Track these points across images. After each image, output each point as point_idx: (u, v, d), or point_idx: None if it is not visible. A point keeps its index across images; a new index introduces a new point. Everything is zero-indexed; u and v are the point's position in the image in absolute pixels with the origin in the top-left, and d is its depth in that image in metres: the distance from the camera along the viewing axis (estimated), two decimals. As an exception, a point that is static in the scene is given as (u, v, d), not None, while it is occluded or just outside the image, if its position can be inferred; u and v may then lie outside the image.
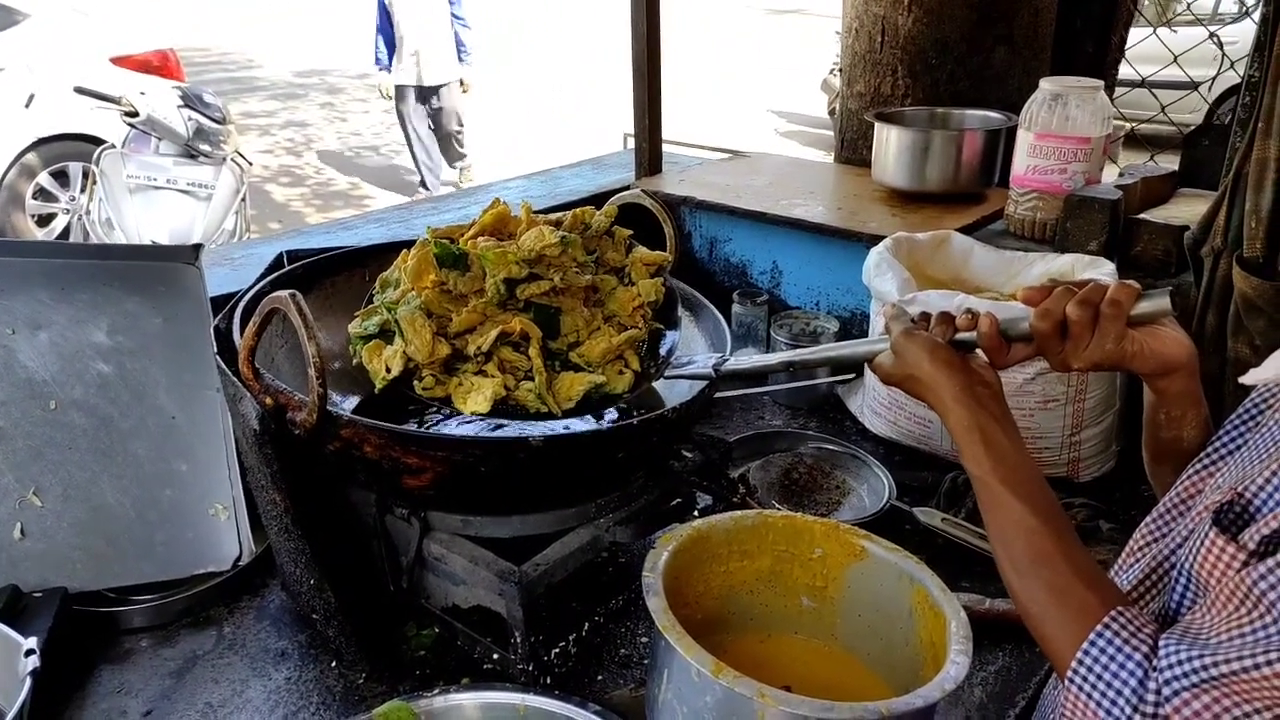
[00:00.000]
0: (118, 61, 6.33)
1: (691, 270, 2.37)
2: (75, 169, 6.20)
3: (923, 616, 1.08)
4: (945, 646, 1.01)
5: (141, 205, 4.79)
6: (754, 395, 1.97)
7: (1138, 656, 0.79)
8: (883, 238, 1.83)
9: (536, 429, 1.18)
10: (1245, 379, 0.91)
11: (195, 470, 1.45)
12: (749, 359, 1.25)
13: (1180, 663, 0.76)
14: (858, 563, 1.16)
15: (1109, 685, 0.79)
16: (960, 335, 1.03)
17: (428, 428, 1.36)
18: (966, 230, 1.97)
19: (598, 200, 2.34)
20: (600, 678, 1.25)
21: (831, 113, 9.65)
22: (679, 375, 1.26)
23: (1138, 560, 1.02)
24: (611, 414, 1.37)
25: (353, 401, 1.44)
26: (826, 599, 1.19)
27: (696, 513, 1.38)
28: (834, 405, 1.97)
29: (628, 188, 2.34)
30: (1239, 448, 0.95)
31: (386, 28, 7.33)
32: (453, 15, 7.43)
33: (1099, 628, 0.82)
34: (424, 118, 7.73)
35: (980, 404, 0.96)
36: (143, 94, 4.94)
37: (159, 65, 6.55)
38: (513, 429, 1.26)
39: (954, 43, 2.34)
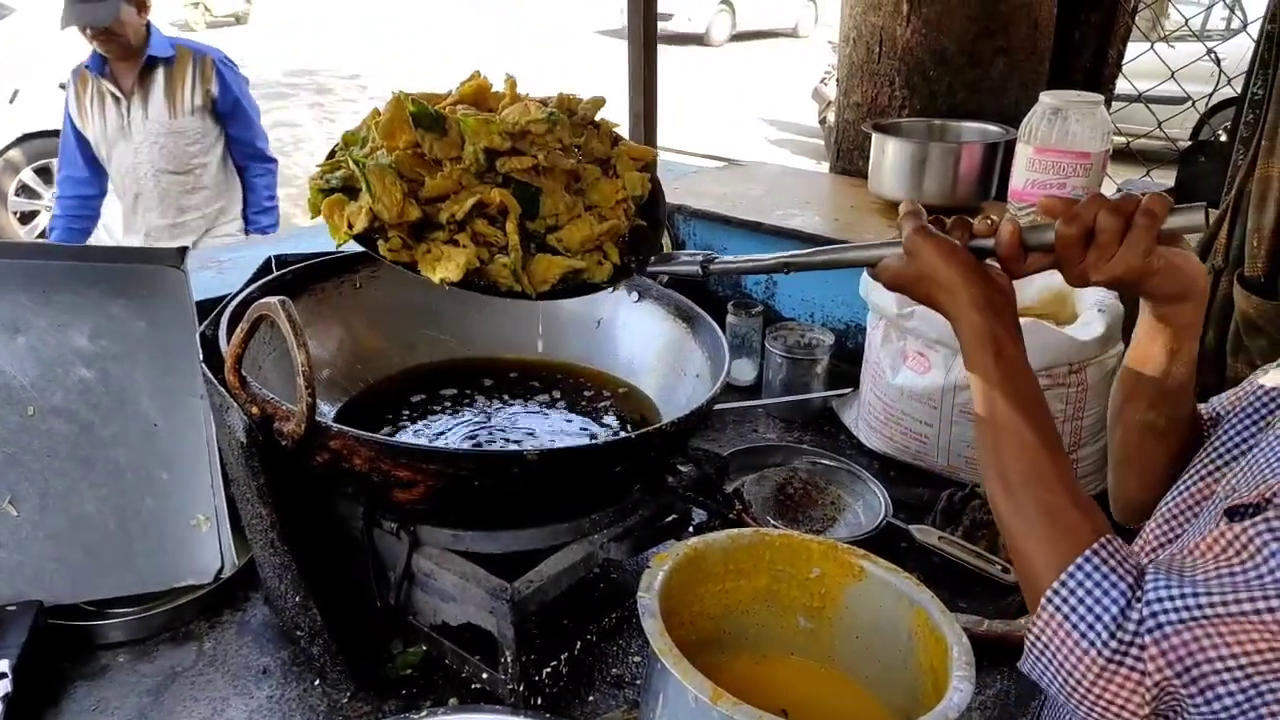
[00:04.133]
0: (105, 58, 6.26)
1: (685, 281, 2.34)
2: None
3: (923, 640, 1.06)
4: (946, 671, 0.99)
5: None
6: (747, 408, 1.95)
7: (1122, 585, 0.78)
8: (880, 250, 1.81)
9: (531, 442, 1.15)
10: (1264, 379, 0.90)
11: (177, 480, 1.41)
12: (742, 258, 1.16)
13: (1170, 597, 0.75)
14: (856, 583, 1.14)
15: (1089, 610, 0.79)
16: (976, 242, 0.98)
17: (400, 435, 1.33)
18: (964, 243, 1.95)
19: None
20: (592, 698, 1.22)
21: (822, 121, 9.66)
22: (663, 270, 1.20)
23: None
24: (608, 430, 1.34)
25: (335, 409, 1.40)
26: (824, 620, 1.17)
27: (692, 529, 1.36)
28: (828, 419, 1.94)
29: (622, 195, 2.31)
30: (1248, 449, 0.93)
31: (80, 162, 3.39)
32: (242, 160, 3.46)
33: (1088, 552, 0.81)
34: None
35: (997, 313, 0.92)
36: (130, 91, 4.87)
37: (147, 63, 6.48)
38: (508, 443, 1.23)
39: (952, 54, 2.32)
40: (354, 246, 1.11)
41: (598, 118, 1.26)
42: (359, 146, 1.15)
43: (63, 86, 4.65)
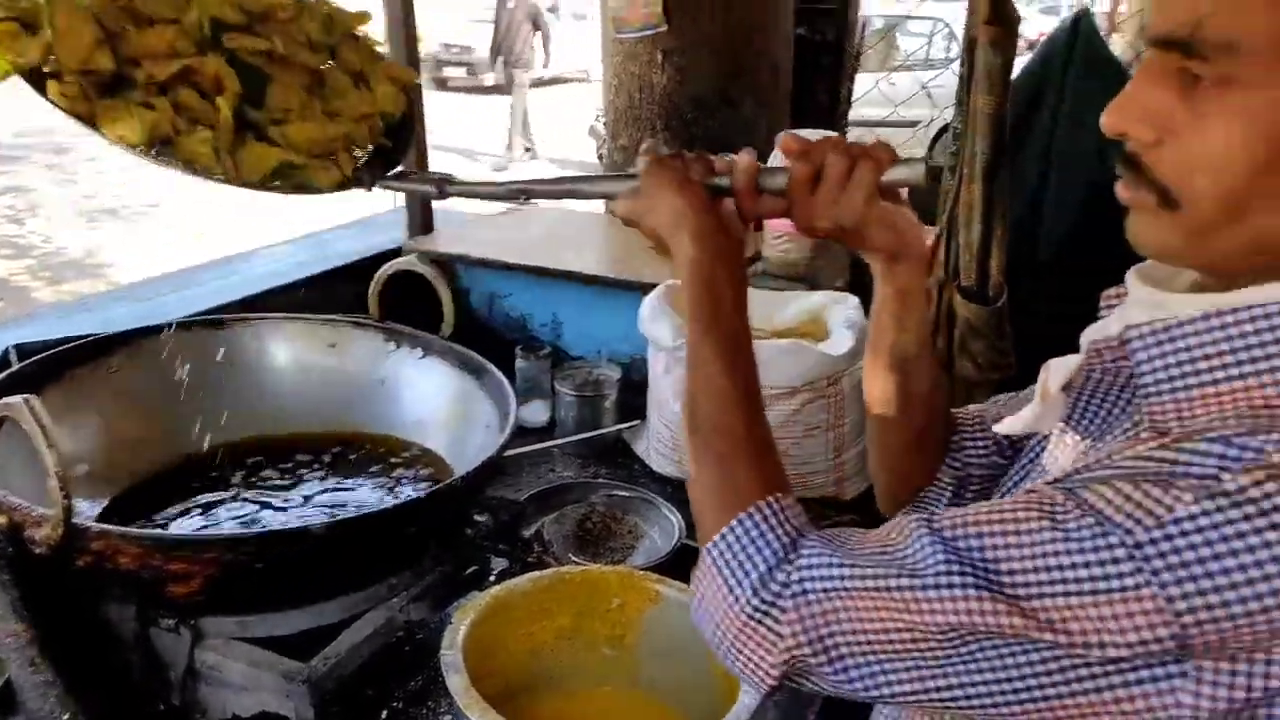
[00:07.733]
0: None
1: (472, 328, 2.35)
2: None
3: (716, 652, 1.13)
4: (736, 678, 1.06)
5: None
6: (543, 449, 1.98)
7: (775, 545, 0.78)
8: (656, 285, 1.91)
9: (321, 515, 1.12)
10: (999, 428, 0.92)
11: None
12: (480, 181, 1.13)
13: (820, 564, 0.75)
14: (654, 607, 1.20)
15: (740, 564, 0.78)
16: (714, 179, 0.96)
17: (176, 526, 1.26)
18: (729, 273, 2.09)
19: (373, 262, 2.30)
20: (406, 765, 1.20)
21: (600, 158, 9.96)
22: (397, 186, 1.16)
23: None
24: (404, 492, 1.32)
25: (100, 506, 1.31)
26: (625, 647, 1.22)
27: (494, 577, 1.37)
28: (622, 450, 2.01)
29: (400, 249, 2.30)
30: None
31: None
32: None
33: (750, 508, 0.80)
34: None
35: (719, 255, 0.91)
36: None
37: None
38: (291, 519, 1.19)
39: (705, 97, 2.50)
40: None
41: (360, 32, 1.19)
42: None
43: None
